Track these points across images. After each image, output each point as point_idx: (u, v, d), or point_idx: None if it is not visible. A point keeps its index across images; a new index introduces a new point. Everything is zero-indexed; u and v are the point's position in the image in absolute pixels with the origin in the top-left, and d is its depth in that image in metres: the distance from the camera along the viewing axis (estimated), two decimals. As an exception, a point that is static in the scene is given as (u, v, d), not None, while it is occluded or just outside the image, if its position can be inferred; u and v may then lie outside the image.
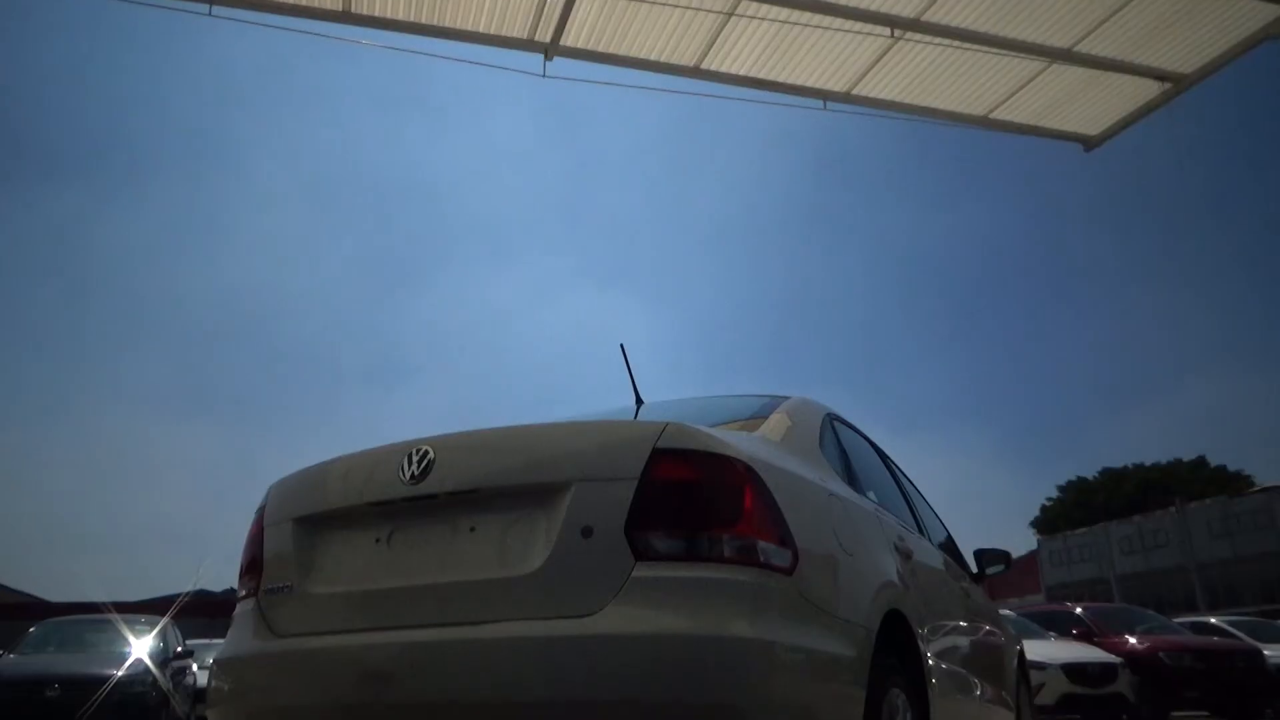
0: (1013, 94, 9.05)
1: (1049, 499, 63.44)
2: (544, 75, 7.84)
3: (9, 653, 9.41)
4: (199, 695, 10.28)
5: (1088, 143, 9.83)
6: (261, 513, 2.72)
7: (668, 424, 2.21)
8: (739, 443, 2.31)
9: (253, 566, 2.65)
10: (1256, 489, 46.24)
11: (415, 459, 2.35)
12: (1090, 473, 61.61)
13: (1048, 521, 61.34)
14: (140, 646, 9.38)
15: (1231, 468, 56.24)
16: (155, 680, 8.80)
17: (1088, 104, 9.27)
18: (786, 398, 3.21)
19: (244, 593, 2.67)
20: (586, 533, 2.10)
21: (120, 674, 8.49)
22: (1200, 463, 58.14)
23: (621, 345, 3.72)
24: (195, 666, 10.68)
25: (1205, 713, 12.38)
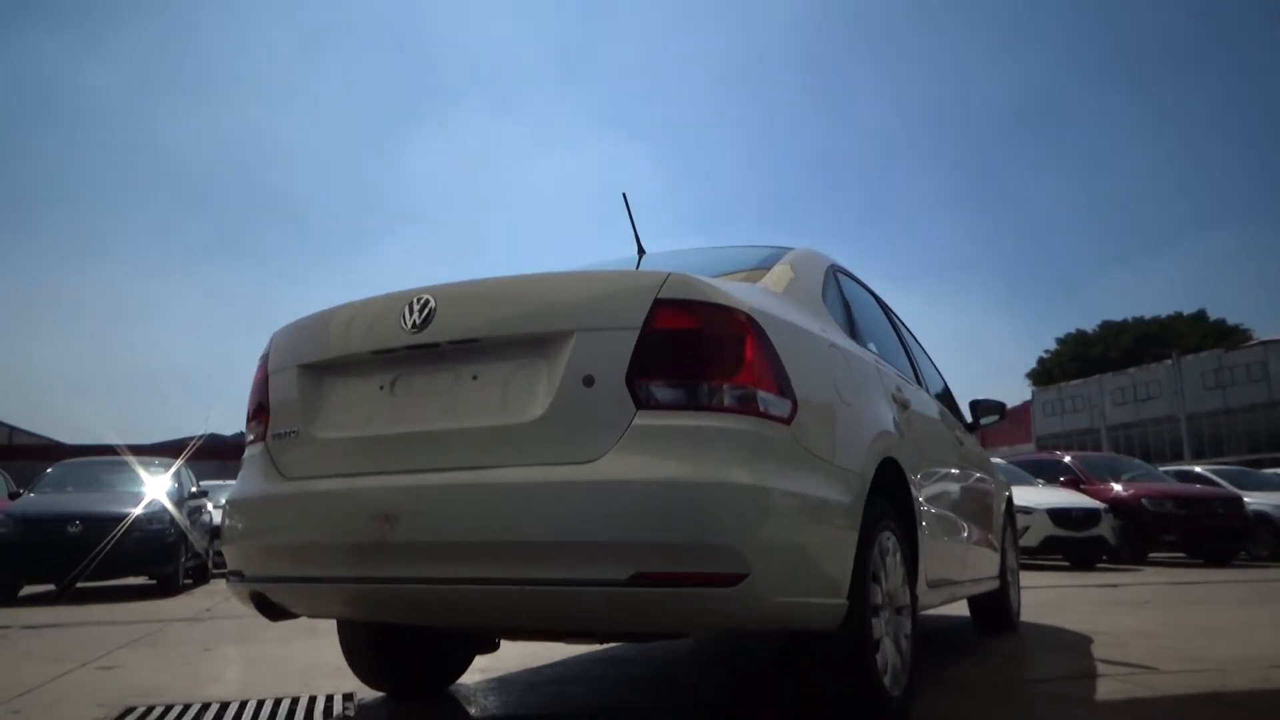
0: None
1: (1047, 351, 64.11)
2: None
3: (28, 492, 9.70)
4: (214, 533, 10.68)
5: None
6: (265, 360, 2.75)
7: (670, 274, 2.19)
8: (741, 293, 2.30)
9: (259, 412, 2.69)
10: (1253, 342, 46.63)
11: (416, 308, 2.35)
12: (1090, 325, 61.99)
13: (1044, 373, 62.19)
14: (156, 486, 9.66)
15: (1231, 322, 56.45)
16: (173, 518, 9.10)
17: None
18: (790, 249, 3.18)
19: (252, 437, 2.72)
20: (588, 381, 2.12)
21: (139, 512, 8.79)
22: (1200, 316, 58.33)
23: (624, 194, 3.65)
24: (210, 505, 11.04)
25: (1182, 555, 12.92)
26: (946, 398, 4.67)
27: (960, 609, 5.24)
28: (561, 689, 3.45)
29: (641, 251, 3.63)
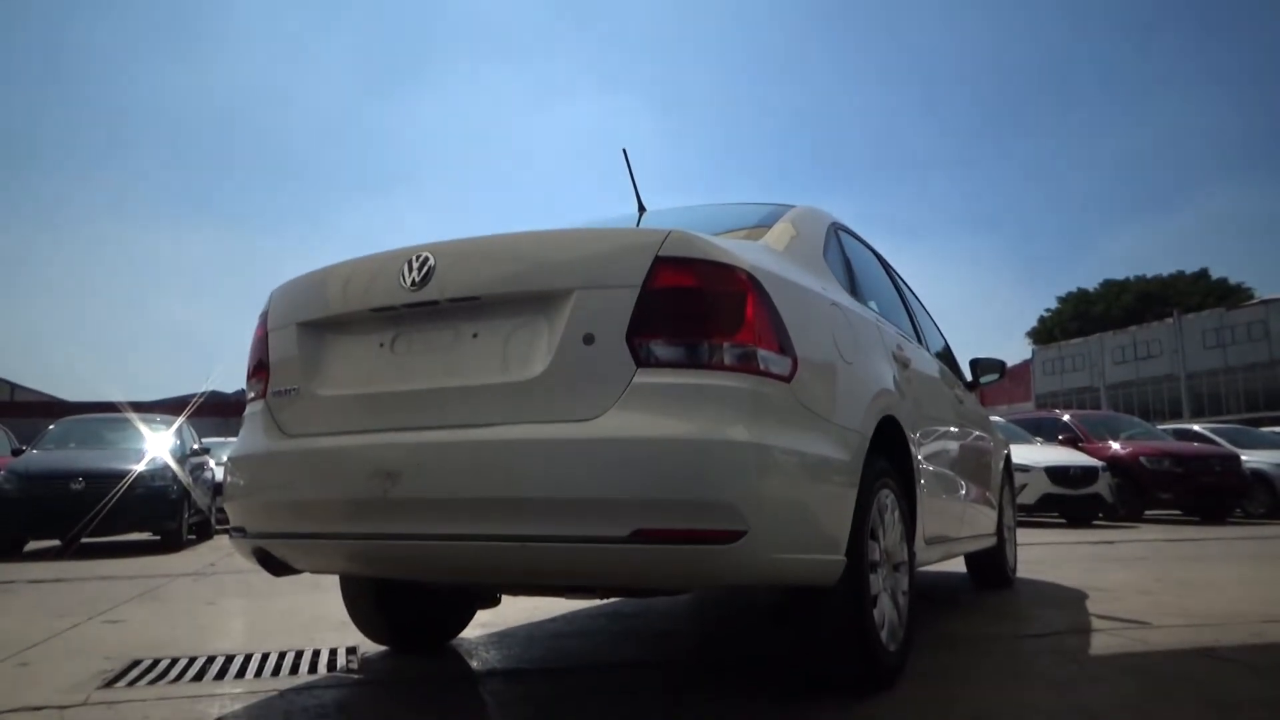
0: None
1: (1047, 309, 64.09)
2: None
3: (31, 448, 9.73)
4: (217, 489, 10.74)
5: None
6: (265, 317, 2.74)
7: (670, 232, 2.18)
8: (742, 251, 2.28)
9: (259, 369, 2.69)
10: (1255, 301, 46.58)
11: (416, 265, 2.33)
12: (1091, 284, 61.89)
13: (1045, 332, 62.23)
14: (158, 443, 9.69)
15: (1234, 281, 56.34)
16: (175, 475, 9.14)
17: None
18: (791, 206, 3.16)
19: (253, 395, 2.72)
20: (588, 340, 2.11)
21: (142, 468, 8.83)
22: (1202, 275, 58.19)
23: (624, 150, 3.62)
24: (212, 462, 11.09)
25: (1178, 512, 13.01)
26: (947, 356, 4.67)
27: (957, 565, 5.29)
28: (562, 643, 3.49)
29: (642, 209, 3.60)
